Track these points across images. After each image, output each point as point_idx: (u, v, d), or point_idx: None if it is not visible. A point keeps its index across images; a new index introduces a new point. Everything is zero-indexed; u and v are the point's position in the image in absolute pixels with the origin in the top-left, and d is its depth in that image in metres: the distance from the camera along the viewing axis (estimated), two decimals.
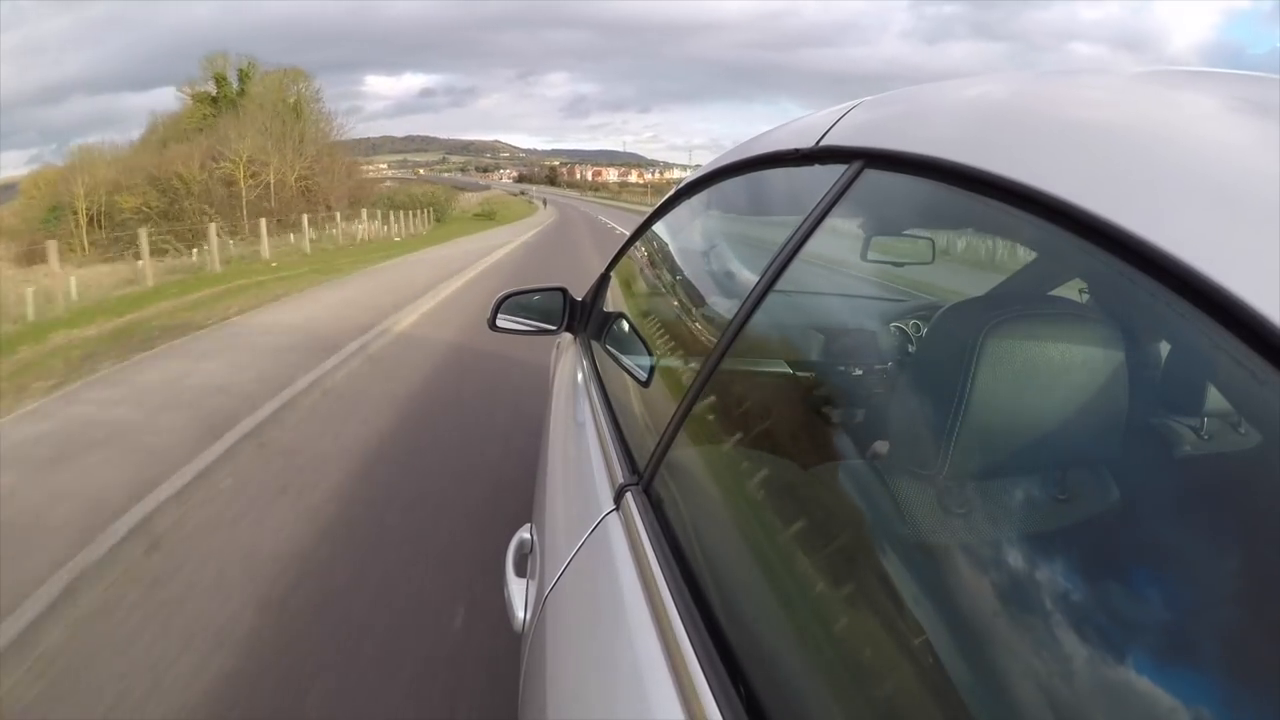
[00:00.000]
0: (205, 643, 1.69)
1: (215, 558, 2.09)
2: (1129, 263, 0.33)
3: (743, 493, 0.68)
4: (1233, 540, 0.32)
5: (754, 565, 0.58)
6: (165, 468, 2.54)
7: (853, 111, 0.69)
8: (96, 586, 1.91)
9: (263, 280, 8.36)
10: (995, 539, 0.44)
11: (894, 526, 0.49)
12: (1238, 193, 0.32)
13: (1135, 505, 0.43)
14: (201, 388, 3.59)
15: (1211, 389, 0.55)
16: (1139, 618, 0.33)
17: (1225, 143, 0.36)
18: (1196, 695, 0.30)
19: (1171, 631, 0.32)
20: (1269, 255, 0.28)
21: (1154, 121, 0.40)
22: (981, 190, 0.45)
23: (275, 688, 1.55)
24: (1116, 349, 0.44)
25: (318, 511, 2.39)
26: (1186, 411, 0.58)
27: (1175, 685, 0.30)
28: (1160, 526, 0.38)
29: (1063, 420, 0.46)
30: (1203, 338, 0.30)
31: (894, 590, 0.45)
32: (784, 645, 0.50)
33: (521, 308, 1.49)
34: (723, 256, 1.42)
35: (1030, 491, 0.45)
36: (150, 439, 2.85)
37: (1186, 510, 0.37)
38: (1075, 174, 0.39)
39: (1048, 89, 0.52)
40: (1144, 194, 0.35)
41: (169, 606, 1.84)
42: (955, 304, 0.63)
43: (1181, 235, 0.31)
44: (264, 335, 4.94)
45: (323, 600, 1.87)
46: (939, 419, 0.47)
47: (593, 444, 0.97)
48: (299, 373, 3.82)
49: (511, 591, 0.90)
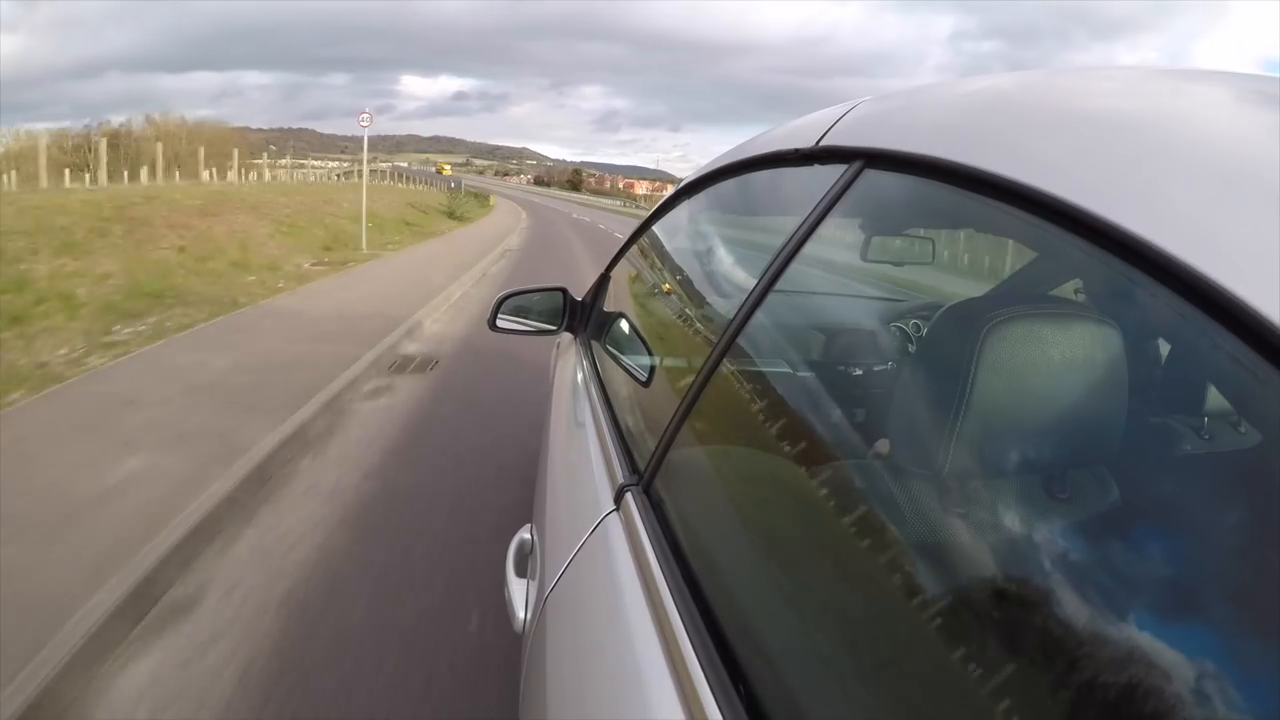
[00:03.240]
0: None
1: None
2: (1129, 262, 0.33)
3: (743, 493, 0.68)
4: (1233, 540, 0.32)
5: (754, 565, 0.58)
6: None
7: (853, 111, 0.69)
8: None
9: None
10: (995, 539, 0.44)
11: (894, 526, 0.49)
12: (1238, 192, 0.32)
13: (1135, 505, 0.43)
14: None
15: (1211, 389, 0.55)
16: (1139, 617, 0.33)
17: (1225, 142, 0.36)
18: (1196, 694, 0.30)
19: (1171, 631, 0.32)
20: (1269, 255, 0.28)
21: (1154, 121, 0.40)
22: (981, 190, 0.45)
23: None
24: (1117, 349, 0.44)
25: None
26: (1186, 411, 0.58)
27: (1175, 685, 0.30)
28: (1160, 526, 0.38)
29: (1063, 420, 0.46)
30: (1203, 338, 0.30)
31: (894, 590, 0.45)
32: (784, 645, 0.50)
33: (521, 308, 1.50)
34: (723, 256, 1.42)
35: (1030, 491, 0.45)
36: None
37: (1186, 510, 0.37)
38: (1075, 174, 0.39)
39: (1048, 88, 0.52)
40: (1144, 193, 0.35)
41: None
42: (955, 304, 0.63)
43: (1181, 235, 0.31)
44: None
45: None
46: (939, 419, 0.47)
47: (593, 444, 0.97)
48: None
49: (512, 592, 0.90)
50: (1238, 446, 0.55)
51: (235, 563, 1.98)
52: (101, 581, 1.69)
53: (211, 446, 2.52)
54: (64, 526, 1.93)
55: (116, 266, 5.51)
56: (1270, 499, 0.30)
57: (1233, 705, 0.29)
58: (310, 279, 6.48)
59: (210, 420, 2.79)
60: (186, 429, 2.67)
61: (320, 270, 6.95)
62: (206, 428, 2.71)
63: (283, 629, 1.70)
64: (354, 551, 2.07)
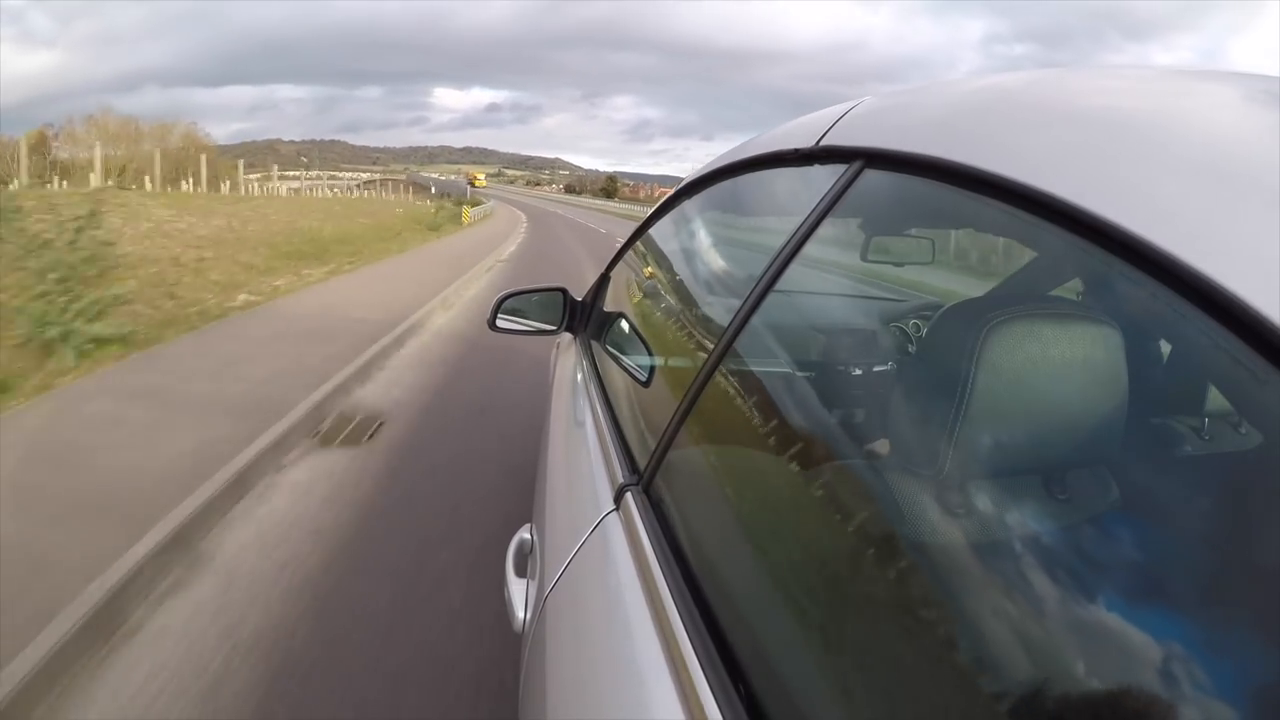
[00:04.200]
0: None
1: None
2: (1129, 262, 0.33)
3: (743, 493, 0.68)
4: (1233, 540, 0.32)
5: (754, 565, 0.58)
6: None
7: (853, 111, 0.69)
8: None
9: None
10: (995, 539, 0.44)
11: (894, 526, 0.49)
12: (1238, 192, 0.32)
13: (1135, 505, 0.43)
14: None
15: (1211, 389, 0.55)
16: (1139, 617, 0.33)
17: (1226, 142, 0.36)
18: (1196, 694, 0.30)
19: (1171, 631, 0.32)
20: (1269, 255, 0.28)
21: (1154, 120, 0.40)
22: (981, 190, 0.45)
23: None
24: (1117, 349, 0.44)
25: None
26: (1187, 411, 0.58)
27: (1175, 684, 0.30)
28: (1160, 526, 0.38)
29: (1063, 420, 0.46)
30: (1203, 337, 0.30)
31: (894, 590, 0.45)
32: (784, 645, 0.50)
33: (521, 308, 1.50)
34: (722, 256, 1.42)
35: (1030, 491, 0.45)
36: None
37: (1186, 510, 0.37)
38: (1076, 174, 0.39)
39: (1047, 88, 0.52)
40: (1144, 193, 0.35)
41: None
42: (955, 304, 0.63)
43: (1182, 235, 0.31)
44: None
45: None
46: (939, 419, 0.47)
47: (593, 444, 0.97)
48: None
49: (511, 591, 0.90)
50: (1238, 446, 0.55)
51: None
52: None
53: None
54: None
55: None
56: (1270, 499, 0.30)
57: (1233, 703, 0.29)
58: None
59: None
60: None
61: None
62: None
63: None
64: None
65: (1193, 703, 0.29)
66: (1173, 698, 0.30)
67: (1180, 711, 0.30)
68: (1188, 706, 0.29)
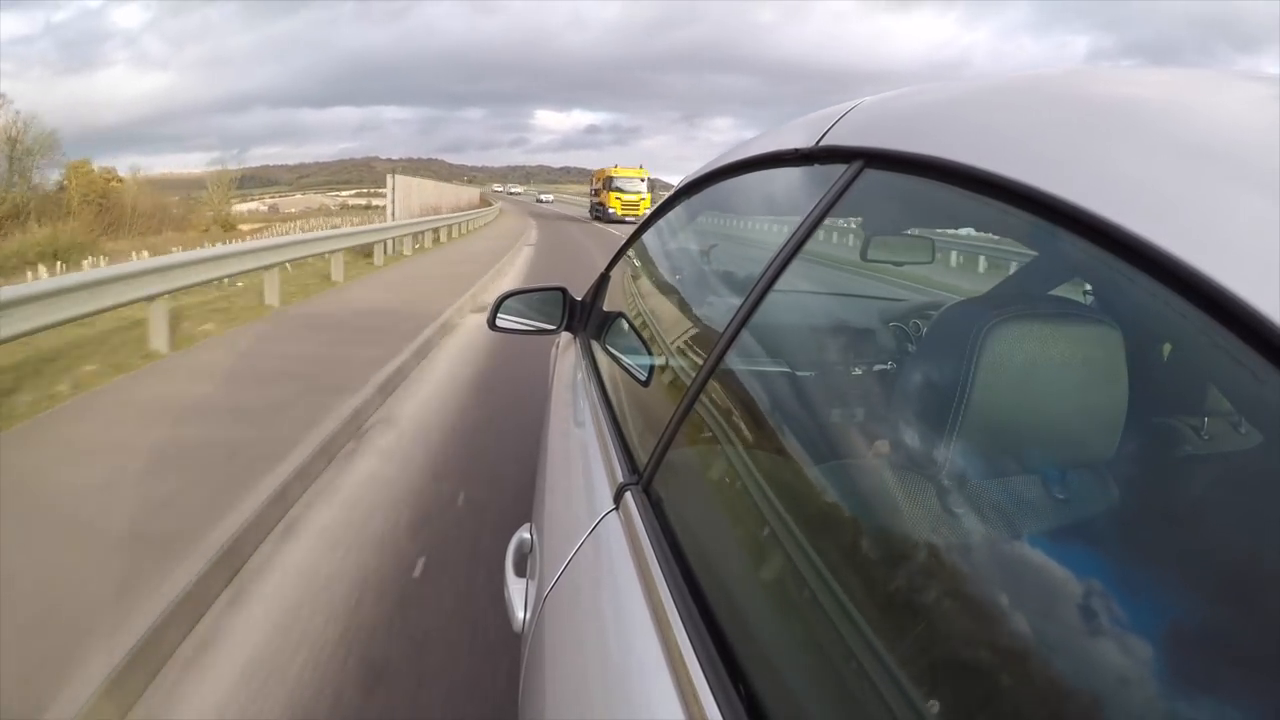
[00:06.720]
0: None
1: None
2: (1129, 262, 0.33)
3: (743, 493, 0.68)
4: (1233, 540, 0.32)
5: (754, 565, 0.58)
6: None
7: (853, 111, 0.69)
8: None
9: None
10: (995, 539, 0.44)
11: (894, 526, 0.49)
12: (1238, 192, 0.32)
13: (1135, 505, 0.43)
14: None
15: (1212, 389, 0.55)
16: (1139, 617, 0.33)
17: (1226, 142, 0.36)
18: (1196, 694, 0.30)
19: (1171, 631, 0.32)
20: (1269, 255, 0.28)
21: (1154, 120, 0.40)
22: (981, 190, 0.45)
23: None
24: (1117, 349, 0.44)
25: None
26: (1187, 411, 0.58)
27: (1175, 684, 0.30)
28: (1160, 526, 0.38)
29: (1063, 420, 0.46)
30: (1202, 337, 0.30)
31: (894, 590, 0.45)
32: (784, 645, 0.50)
33: (521, 307, 1.49)
34: (723, 256, 1.42)
35: (1030, 491, 0.45)
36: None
37: (1186, 510, 0.37)
38: (1075, 173, 0.39)
39: (1048, 88, 0.52)
40: (1144, 193, 0.35)
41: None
42: (955, 304, 0.63)
43: (1182, 234, 0.31)
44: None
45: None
46: (939, 419, 0.47)
47: (593, 444, 0.97)
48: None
49: (511, 591, 0.90)
50: (1238, 447, 0.55)
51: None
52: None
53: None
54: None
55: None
56: (1270, 499, 0.30)
57: (1233, 703, 0.28)
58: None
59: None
60: None
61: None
62: None
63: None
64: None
65: (1193, 702, 0.29)
66: (1173, 697, 0.30)
67: (1180, 711, 0.30)
68: (1188, 706, 0.29)
